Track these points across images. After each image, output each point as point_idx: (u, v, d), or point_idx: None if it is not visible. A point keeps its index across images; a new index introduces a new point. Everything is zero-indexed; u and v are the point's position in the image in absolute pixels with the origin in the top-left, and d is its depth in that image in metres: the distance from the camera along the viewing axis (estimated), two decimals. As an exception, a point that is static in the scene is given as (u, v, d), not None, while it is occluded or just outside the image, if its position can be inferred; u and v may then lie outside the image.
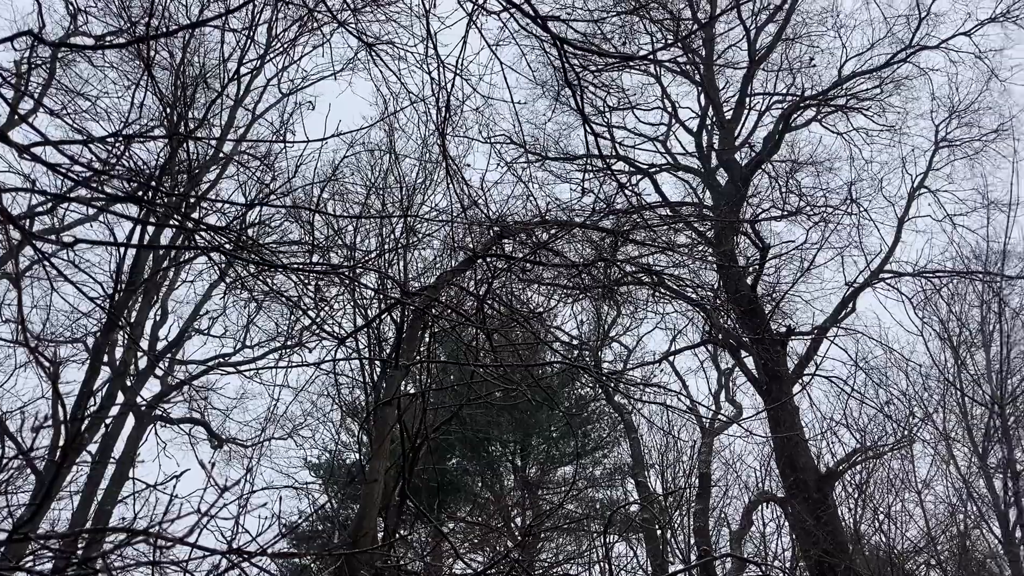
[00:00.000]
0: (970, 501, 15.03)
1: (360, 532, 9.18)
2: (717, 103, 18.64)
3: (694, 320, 17.77)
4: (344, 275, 8.11)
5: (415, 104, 8.78)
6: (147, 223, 11.79)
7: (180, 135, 9.89)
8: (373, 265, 11.38)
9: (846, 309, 17.25)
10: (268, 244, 9.30)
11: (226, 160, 14.11)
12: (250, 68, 14.34)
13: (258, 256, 6.64)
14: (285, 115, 15.00)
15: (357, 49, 12.03)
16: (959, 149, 17.88)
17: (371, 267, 11.36)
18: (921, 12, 17.37)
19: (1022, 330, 16.13)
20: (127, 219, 11.89)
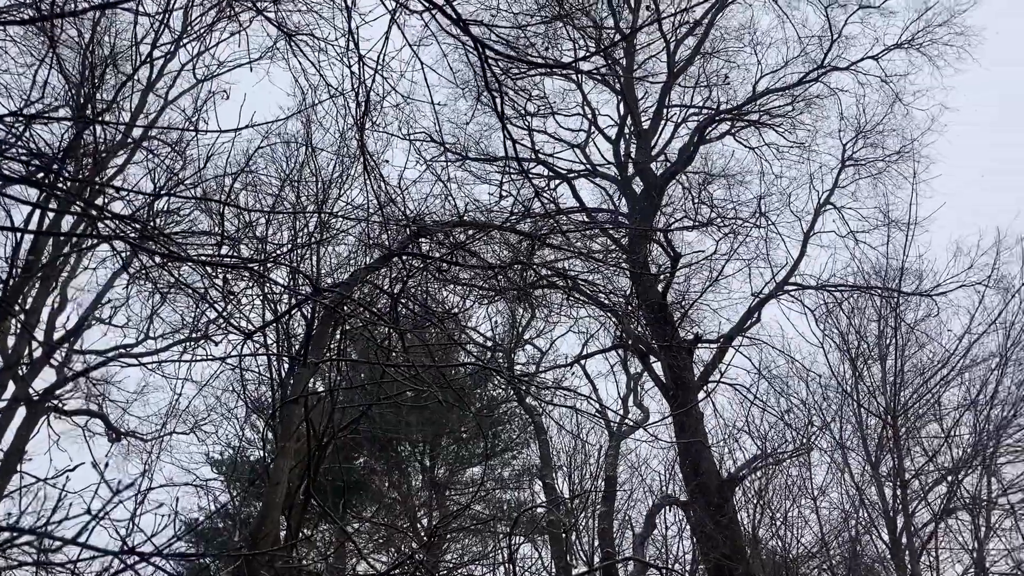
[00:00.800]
0: (862, 508, 15.61)
1: (261, 532, 8.99)
2: (636, 113, 18.93)
3: (606, 325, 18.01)
4: (254, 269, 7.94)
5: (334, 98, 8.64)
6: (47, 208, 11.30)
7: (86, 117, 9.52)
8: (285, 260, 11.17)
9: (752, 319, 17.74)
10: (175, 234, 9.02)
11: (134, 146, 13.65)
12: (164, 52, 13.91)
13: (164, 246, 6.43)
14: (198, 102, 14.59)
15: (276, 39, 11.79)
16: (864, 168, 18.57)
17: (282, 262, 11.15)
18: (833, 34, 18.00)
19: (916, 345, 16.82)
20: (25, 203, 11.37)
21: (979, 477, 15.04)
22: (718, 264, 17.69)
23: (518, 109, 16.00)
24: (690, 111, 19.20)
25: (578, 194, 18.55)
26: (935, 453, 15.73)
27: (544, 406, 16.84)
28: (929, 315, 16.83)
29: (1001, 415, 15.33)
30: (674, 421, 17.24)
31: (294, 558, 8.62)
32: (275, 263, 11.20)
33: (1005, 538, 14.91)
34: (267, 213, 12.27)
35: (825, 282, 17.43)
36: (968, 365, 15.97)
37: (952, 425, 15.68)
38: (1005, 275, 15.67)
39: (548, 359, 18.88)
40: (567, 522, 16.64)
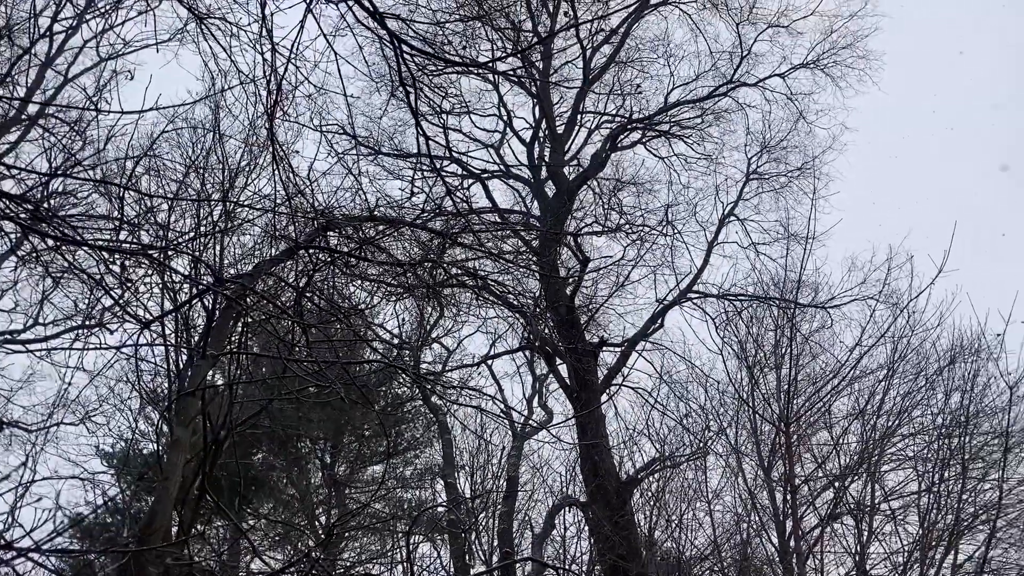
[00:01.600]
0: (754, 512, 16.08)
1: (151, 527, 8.71)
2: (551, 117, 19.09)
3: (514, 326, 18.10)
4: (154, 256, 7.69)
5: (245, 85, 8.44)
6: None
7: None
8: (186, 248, 10.84)
9: (655, 324, 18.09)
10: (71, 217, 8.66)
11: (29, 123, 13.04)
12: (65, 27, 13.35)
13: (58, 229, 6.17)
14: (101, 82, 14.02)
15: (186, 21, 11.43)
16: (767, 182, 19.16)
17: (184, 250, 10.82)
18: (743, 51, 18.52)
19: (810, 355, 17.42)
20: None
21: (864, 484, 15.68)
22: (625, 270, 18.02)
23: (434, 106, 15.92)
24: (603, 118, 19.48)
25: (491, 194, 18.63)
26: (824, 460, 16.34)
27: (449, 406, 16.82)
28: (823, 327, 17.48)
29: (887, 425, 16.01)
30: (577, 423, 17.47)
31: (185, 555, 8.37)
32: (176, 251, 10.86)
33: (885, 542, 15.58)
34: (169, 199, 11.89)
35: (726, 291, 17.92)
36: (858, 376, 16.63)
37: (841, 433, 16.32)
38: (895, 290, 16.38)
39: (455, 358, 18.87)
40: (467, 522, 16.65)
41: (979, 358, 15.37)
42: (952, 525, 14.27)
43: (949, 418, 15.34)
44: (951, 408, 15.52)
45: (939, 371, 15.82)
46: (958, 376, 15.60)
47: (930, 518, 14.54)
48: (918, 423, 16.18)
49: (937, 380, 15.91)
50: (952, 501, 14.47)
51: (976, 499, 14.83)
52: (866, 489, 15.64)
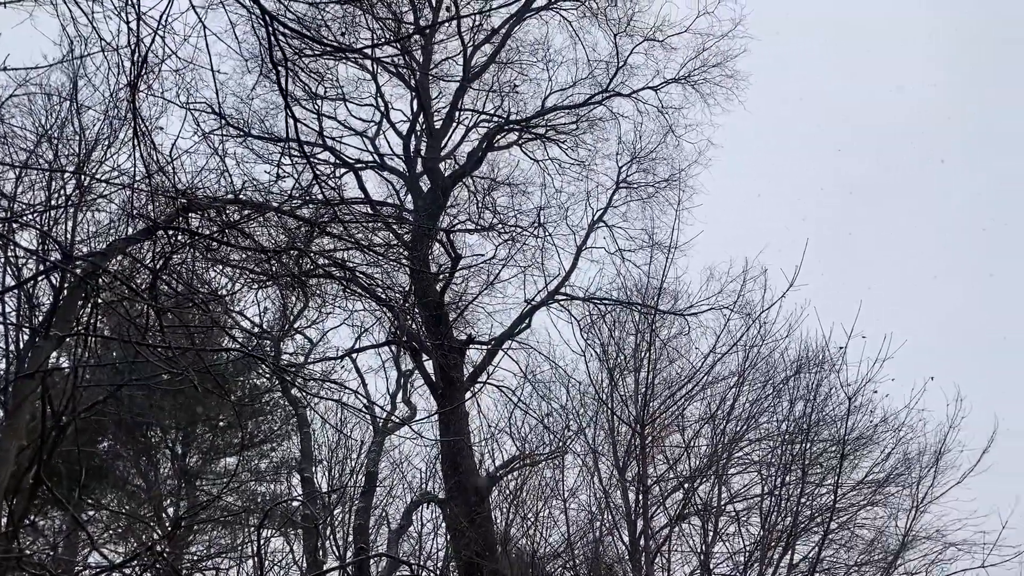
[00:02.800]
0: (607, 510, 16.48)
1: (-23, 518, 8.15)
2: (429, 111, 18.99)
3: (381, 320, 17.94)
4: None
5: (107, 53, 8.00)
6: None
7: None
8: (34, 222, 10.21)
9: (523, 324, 18.31)
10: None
11: None
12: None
13: None
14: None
15: (45, -21, 10.75)
16: (636, 191, 19.68)
17: (31, 224, 10.20)
18: (619, 61, 18.95)
19: (667, 360, 18.00)
20: None
21: (712, 486, 16.32)
22: (496, 269, 18.14)
23: (308, 91, 15.60)
24: (481, 117, 19.54)
25: (364, 185, 18.34)
26: (675, 461, 16.92)
27: (309, 399, 16.49)
28: (681, 333, 18.10)
29: (735, 430, 16.71)
30: (440, 420, 17.47)
31: (15, 547, 7.87)
32: (22, 224, 10.22)
33: (729, 542, 16.26)
34: (17, 168, 11.17)
35: (592, 295, 18.32)
36: (711, 382, 17.29)
37: (692, 436, 16.92)
38: (749, 301, 17.11)
39: (318, 351, 18.52)
40: (321, 516, 16.38)
41: (822, 369, 16.26)
42: (790, 526, 15.04)
43: (792, 425, 16.15)
44: (795, 416, 16.35)
45: (785, 380, 16.64)
46: (803, 386, 16.46)
47: (771, 520, 15.27)
48: (764, 429, 16.97)
49: (783, 389, 16.72)
50: (791, 504, 15.24)
51: (813, 502, 15.69)
52: (713, 491, 16.28)
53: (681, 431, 17.13)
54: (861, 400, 15.23)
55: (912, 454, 16.00)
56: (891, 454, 16.09)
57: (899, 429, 15.96)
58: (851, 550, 16.43)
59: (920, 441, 15.83)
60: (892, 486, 16.13)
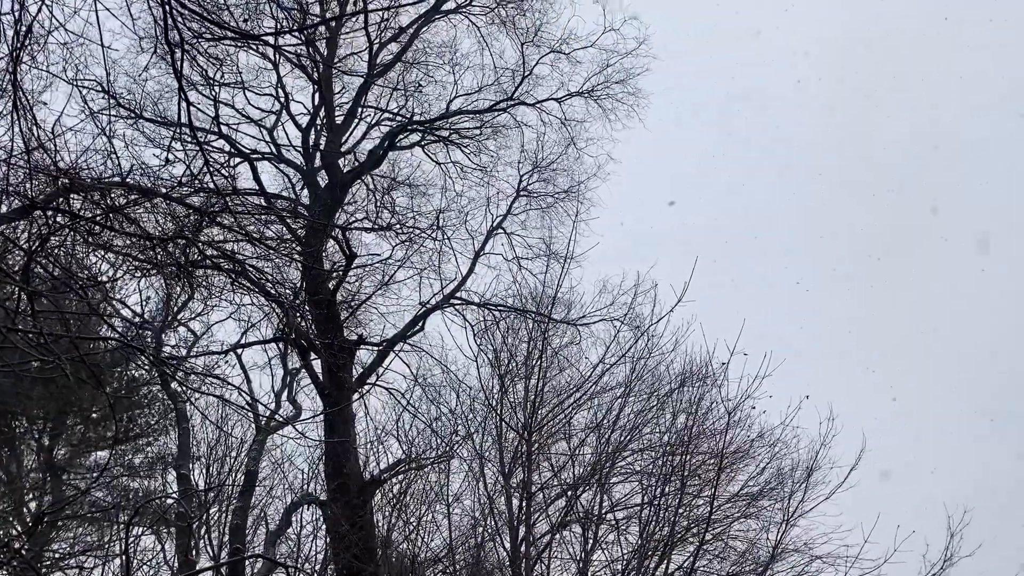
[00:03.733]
0: (491, 516, 16.51)
1: None
2: (331, 105, 18.69)
3: (270, 316, 17.52)
4: None
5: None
6: None
7: None
8: None
9: (416, 327, 18.21)
10: None
11: None
12: None
13: None
14: None
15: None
16: (535, 200, 19.85)
17: None
18: (525, 71, 19.10)
19: (558, 368, 18.19)
20: None
21: (594, 494, 16.56)
22: (391, 269, 17.99)
23: (206, 76, 15.09)
24: (384, 115, 19.37)
25: (259, 176, 17.91)
26: (560, 469, 17.10)
27: (190, 393, 15.94)
28: (572, 342, 18.33)
29: (619, 439, 17.01)
30: (325, 420, 17.17)
31: None
32: None
33: (608, 551, 16.53)
34: None
35: (487, 300, 18.37)
36: (598, 392, 17.56)
37: (578, 445, 17.15)
38: (639, 315, 17.48)
39: (201, 344, 17.95)
40: (196, 515, 15.85)
41: (705, 384, 16.74)
42: (667, 536, 15.39)
43: (674, 437, 16.56)
44: (677, 428, 16.77)
45: (670, 393, 17.07)
46: (686, 399, 16.91)
47: (649, 529, 15.60)
48: (647, 440, 17.34)
49: (667, 401, 17.14)
50: (669, 514, 15.60)
51: (690, 513, 16.11)
52: (595, 499, 16.52)
53: (567, 439, 17.33)
54: (740, 415, 15.72)
55: (785, 469, 16.62)
56: (765, 469, 16.70)
57: (774, 445, 16.58)
58: (724, 561, 16.92)
59: (793, 457, 16.47)
60: (765, 500, 16.72)
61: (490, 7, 19.00)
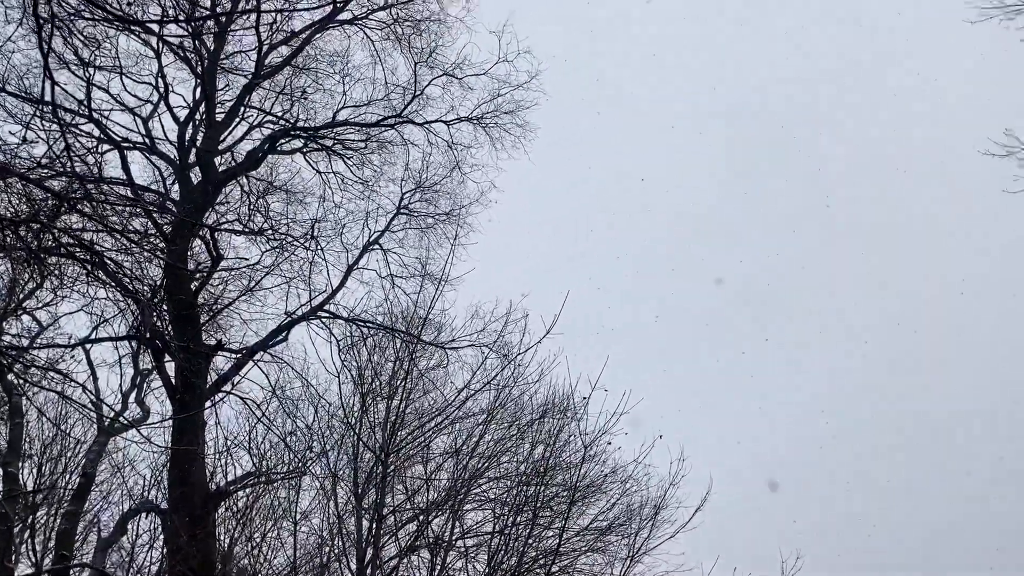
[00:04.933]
0: (339, 537, 16.13)
1: None
2: (212, 101, 18.13)
3: (125, 312, 16.70)
4: None
5: None
6: None
7: None
8: None
9: (279, 337, 17.72)
10: None
11: None
12: None
13: None
14: None
15: None
16: (416, 220, 19.77)
17: None
18: (416, 90, 19.07)
19: (422, 390, 18.04)
20: None
21: (446, 520, 16.43)
22: (259, 275, 17.49)
23: (80, 56, 14.39)
24: (267, 118, 18.93)
25: (128, 166, 17.14)
26: (414, 493, 16.91)
27: (27, 386, 14.98)
28: (439, 365, 18.24)
29: (476, 466, 16.98)
30: (174, 426, 16.45)
31: None
32: None
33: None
34: None
35: (356, 316, 18.08)
36: (460, 417, 17.50)
37: (434, 470, 17.01)
38: (508, 343, 17.55)
39: (45, 336, 16.92)
40: (19, 517, 14.85)
41: (565, 416, 16.92)
42: (515, 567, 15.41)
43: (530, 467, 16.66)
44: (534, 458, 16.87)
45: (530, 423, 17.17)
46: (545, 430, 17.04)
47: (497, 558, 15.58)
48: (504, 468, 17.37)
49: (527, 431, 17.24)
50: (519, 544, 15.64)
51: (539, 544, 16.19)
52: (447, 525, 16.40)
53: (424, 463, 17.18)
54: (596, 450, 15.97)
55: (635, 506, 16.96)
56: (616, 504, 16.98)
57: (626, 481, 16.90)
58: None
59: (643, 494, 16.82)
60: (613, 535, 16.99)
61: (387, 23, 18.95)
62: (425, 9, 18.86)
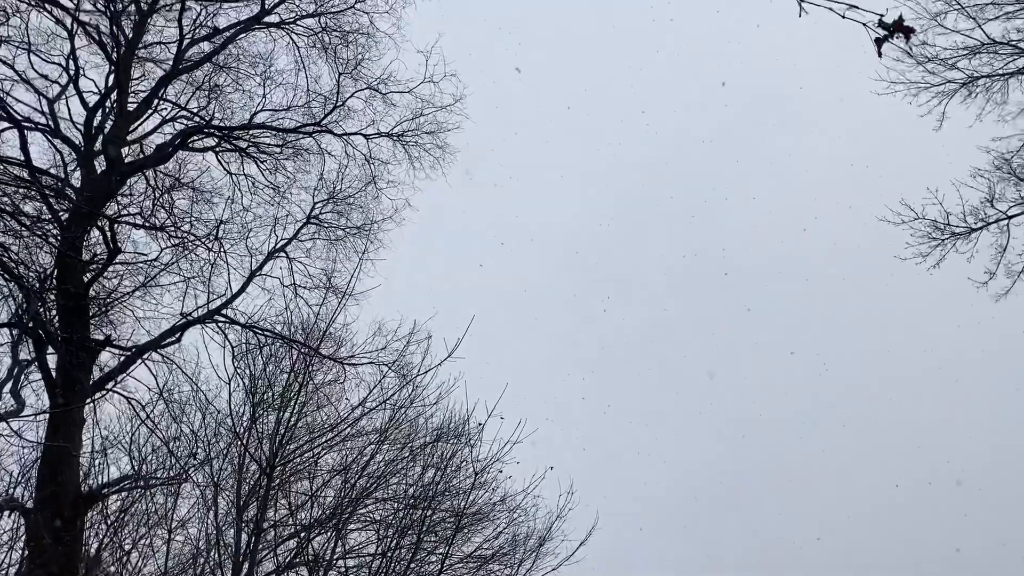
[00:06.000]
0: (216, 548, 15.62)
1: None
2: (125, 90, 17.55)
3: (8, 298, 15.93)
4: None
5: None
6: None
7: None
8: None
9: (172, 337, 17.14)
10: None
11: None
12: None
13: None
14: None
15: None
16: (325, 231, 19.47)
17: None
18: (338, 101, 18.89)
19: (316, 405, 17.70)
20: None
21: (328, 539, 16.09)
22: (156, 272, 16.94)
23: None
24: (181, 112, 18.44)
25: (27, 147, 16.38)
26: (298, 508, 16.53)
27: None
28: (336, 381, 17.93)
29: (365, 486, 16.70)
30: (50, 421, 15.70)
31: None
32: None
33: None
34: None
35: (255, 323, 17.65)
36: (353, 435, 17.21)
37: (320, 486, 16.67)
38: (409, 363, 17.37)
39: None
40: None
41: (459, 442, 16.81)
42: (396, 590, 15.18)
43: (420, 491, 16.46)
44: (424, 482, 16.68)
45: (423, 446, 16.99)
46: (438, 454, 16.89)
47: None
48: (393, 490, 17.13)
49: (420, 454, 17.05)
50: (401, 567, 15.42)
51: (421, 568, 15.99)
52: (329, 544, 16.06)
53: (311, 479, 16.83)
54: (487, 477, 15.90)
55: (520, 536, 16.93)
56: (501, 533, 16.93)
57: (513, 511, 16.86)
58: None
59: (529, 525, 16.81)
60: (496, 564, 16.90)
61: (315, 31, 18.78)
62: (355, 21, 18.77)
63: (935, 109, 18.27)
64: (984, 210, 17.94)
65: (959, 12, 17.72)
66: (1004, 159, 17.83)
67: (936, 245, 18.29)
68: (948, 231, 18.14)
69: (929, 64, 18.00)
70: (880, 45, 5.07)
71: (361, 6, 18.66)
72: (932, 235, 18.22)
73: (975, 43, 17.76)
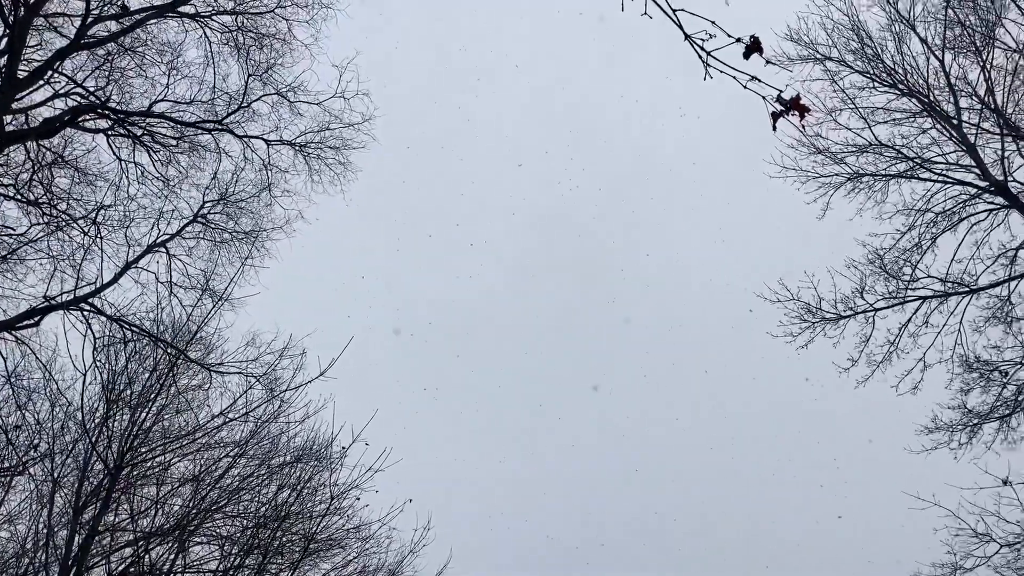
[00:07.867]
0: (44, 550, 14.70)
1: None
2: (17, 56, 16.69)
3: None
4: None
5: None
6: None
7: None
8: None
9: (29, 320, 16.23)
10: None
11: None
12: None
13: None
14: None
15: None
16: (212, 232, 18.89)
17: None
18: (244, 101, 18.46)
19: (176, 409, 16.97)
20: None
21: (168, 550, 15.35)
22: (21, 247, 16.04)
23: None
24: (76, 89, 17.67)
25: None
26: (140, 514, 15.73)
27: None
28: (201, 387, 17.27)
29: (215, 499, 16.04)
30: None
31: None
32: None
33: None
34: None
35: (122, 316, 16.90)
36: (210, 445, 16.55)
37: (168, 493, 15.92)
38: (280, 377, 16.89)
39: None
40: None
41: (320, 465, 16.38)
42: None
43: (272, 511, 15.92)
44: (278, 502, 16.15)
45: (282, 465, 16.49)
46: (296, 475, 16.40)
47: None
48: (244, 506, 16.52)
49: (278, 472, 16.53)
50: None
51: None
52: (168, 555, 15.32)
53: (159, 485, 16.07)
54: (343, 503, 15.53)
55: (371, 568, 16.55)
56: (351, 562, 16.51)
57: (367, 540, 16.49)
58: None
59: (381, 557, 16.47)
60: (342, 593, 16.47)
61: (230, 28, 18.38)
62: (272, 25, 18.48)
63: (820, 199, 19.25)
64: (854, 299, 18.89)
65: (852, 111, 18.81)
66: (877, 254, 18.87)
67: (807, 327, 19.11)
68: (819, 315, 18.99)
69: (819, 156, 18.98)
70: (776, 119, 5.29)
71: (281, 12, 18.41)
72: (804, 317, 19.03)
73: (864, 142, 18.84)
